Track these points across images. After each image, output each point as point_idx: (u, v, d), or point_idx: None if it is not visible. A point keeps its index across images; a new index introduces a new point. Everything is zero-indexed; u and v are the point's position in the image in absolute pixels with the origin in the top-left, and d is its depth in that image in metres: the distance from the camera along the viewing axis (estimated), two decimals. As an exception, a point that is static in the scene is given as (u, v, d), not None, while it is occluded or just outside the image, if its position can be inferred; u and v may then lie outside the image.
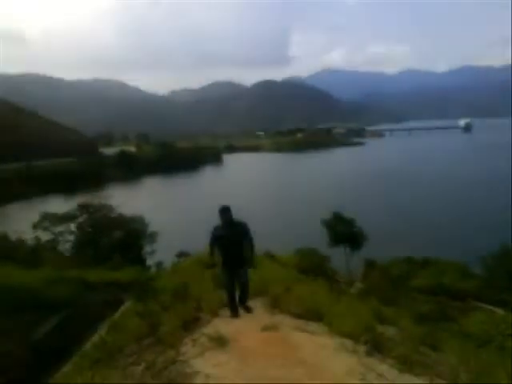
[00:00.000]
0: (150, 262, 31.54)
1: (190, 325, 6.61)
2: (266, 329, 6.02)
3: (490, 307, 19.71)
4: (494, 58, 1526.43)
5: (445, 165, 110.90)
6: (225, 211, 7.42)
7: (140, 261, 30.87)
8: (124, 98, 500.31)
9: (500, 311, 17.24)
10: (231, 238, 7.39)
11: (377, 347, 5.61)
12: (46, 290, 11.16)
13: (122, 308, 10.48)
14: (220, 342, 5.46)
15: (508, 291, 21.71)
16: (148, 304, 8.05)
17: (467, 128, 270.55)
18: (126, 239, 31.53)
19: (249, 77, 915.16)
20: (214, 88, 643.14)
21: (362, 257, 32.23)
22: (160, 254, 32.95)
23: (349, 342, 5.74)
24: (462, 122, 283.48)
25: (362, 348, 5.56)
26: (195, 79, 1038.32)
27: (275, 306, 7.67)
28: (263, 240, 10.44)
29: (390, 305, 14.07)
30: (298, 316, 7.04)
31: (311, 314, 7.05)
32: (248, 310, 7.48)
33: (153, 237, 32.87)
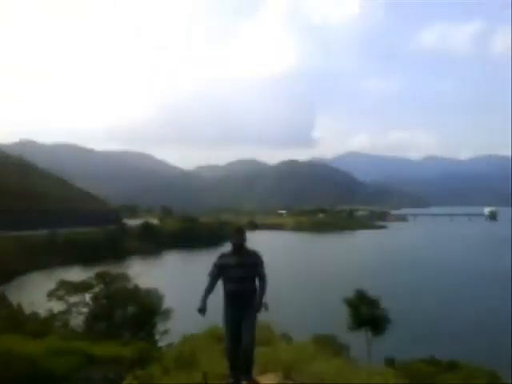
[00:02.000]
0: (161, 343, 29.59)
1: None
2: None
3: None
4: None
5: (469, 254, 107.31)
6: (237, 233, 6.04)
7: (151, 340, 29.65)
8: (151, 172, 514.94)
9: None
10: (240, 270, 5.78)
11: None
12: (47, 361, 10.66)
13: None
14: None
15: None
16: (148, 369, 7.47)
17: (492, 216, 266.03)
18: (140, 315, 30.71)
19: (273, 156, 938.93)
20: (238, 165, 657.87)
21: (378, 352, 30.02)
22: (173, 333, 31.01)
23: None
24: (487, 210, 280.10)
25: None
26: (221, 156, 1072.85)
27: (288, 376, 6.48)
28: (280, 321, 9.85)
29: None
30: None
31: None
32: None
33: (167, 314, 31.76)
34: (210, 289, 5.89)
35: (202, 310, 5.75)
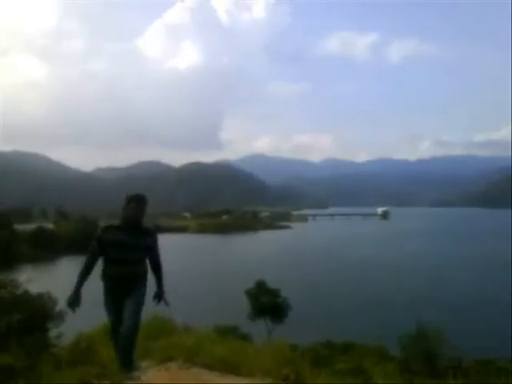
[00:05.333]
0: (55, 349, 27.66)
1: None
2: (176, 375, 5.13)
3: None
4: (408, 152, 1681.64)
5: (367, 248, 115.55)
6: (137, 200, 4.94)
7: (44, 346, 27.51)
8: (45, 173, 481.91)
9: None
10: (135, 251, 4.69)
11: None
12: None
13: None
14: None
15: (423, 373, 21.26)
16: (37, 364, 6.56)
17: (384, 215, 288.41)
18: (29, 321, 28.29)
19: (179, 158, 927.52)
20: (140, 167, 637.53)
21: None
22: (68, 338, 29.16)
23: (268, 380, 5.24)
24: (380, 210, 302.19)
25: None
26: (122, 158, 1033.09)
27: (187, 359, 6.05)
28: (181, 316, 9.53)
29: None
30: (214, 368, 5.84)
31: (227, 366, 5.86)
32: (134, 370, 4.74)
33: (61, 317, 29.60)
34: (86, 271, 4.60)
35: (73, 303, 4.45)
